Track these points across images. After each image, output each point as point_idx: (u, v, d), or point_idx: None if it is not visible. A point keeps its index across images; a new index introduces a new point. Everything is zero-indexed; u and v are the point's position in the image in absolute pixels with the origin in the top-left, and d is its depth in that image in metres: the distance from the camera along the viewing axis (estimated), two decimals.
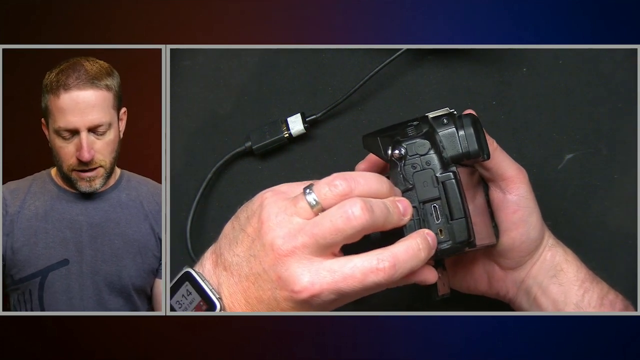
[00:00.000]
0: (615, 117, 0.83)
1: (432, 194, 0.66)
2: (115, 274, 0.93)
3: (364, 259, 0.61)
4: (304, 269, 0.61)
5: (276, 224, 0.62)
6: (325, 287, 0.61)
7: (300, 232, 0.61)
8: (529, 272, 0.74)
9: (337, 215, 0.61)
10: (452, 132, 0.67)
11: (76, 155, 0.91)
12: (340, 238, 0.61)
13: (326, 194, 0.62)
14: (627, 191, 0.82)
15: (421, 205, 0.66)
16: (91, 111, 0.90)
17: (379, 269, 0.61)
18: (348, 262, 0.61)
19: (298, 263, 0.61)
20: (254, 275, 0.63)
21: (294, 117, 0.83)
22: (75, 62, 0.91)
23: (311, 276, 0.61)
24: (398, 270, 0.61)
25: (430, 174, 0.66)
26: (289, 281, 0.61)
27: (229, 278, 0.65)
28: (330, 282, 0.61)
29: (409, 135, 0.68)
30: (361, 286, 0.61)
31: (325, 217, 0.61)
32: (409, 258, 0.62)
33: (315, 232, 0.61)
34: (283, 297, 0.62)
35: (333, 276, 0.61)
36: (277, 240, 0.62)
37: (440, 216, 0.66)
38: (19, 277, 0.92)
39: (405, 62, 0.84)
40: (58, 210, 0.94)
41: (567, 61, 0.84)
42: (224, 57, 0.86)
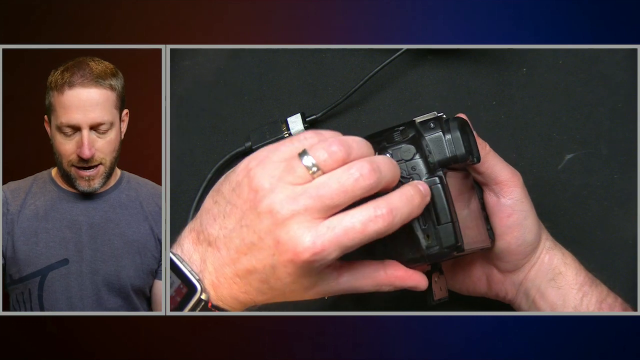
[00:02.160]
0: (615, 117, 0.83)
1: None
2: (114, 274, 0.93)
3: (361, 209, 0.61)
4: (304, 230, 0.60)
5: (271, 190, 0.61)
6: (327, 244, 0.60)
7: (302, 195, 0.60)
8: (527, 275, 0.74)
9: (345, 176, 0.60)
10: (438, 136, 0.67)
11: (77, 152, 0.91)
12: (347, 199, 0.60)
13: (326, 159, 0.61)
14: (627, 191, 0.82)
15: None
16: (94, 109, 0.91)
17: (377, 216, 0.60)
18: (345, 215, 0.61)
19: (299, 225, 0.60)
20: (247, 245, 0.62)
21: (294, 117, 0.83)
22: (80, 61, 0.92)
23: (312, 236, 0.60)
24: (396, 216, 0.61)
25: (415, 180, 0.66)
26: (289, 244, 0.60)
27: (214, 253, 0.64)
28: (331, 237, 0.60)
29: (395, 140, 0.68)
30: (362, 236, 0.60)
31: (332, 179, 0.61)
32: (403, 204, 0.62)
33: (322, 194, 0.60)
34: (282, 262, 0.61)
35: (334, 232, 0.60)
36: (276, 205, 0.60)
37: (427, 221, 0.66)
38: (18, 276, 0.92)
39: (405, 62, 0.84)
40: (58, 210, 0.94)
41: (567, 61, 0.84)
42: (224, 57, 0.86)
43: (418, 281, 0.66)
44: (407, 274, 0.66)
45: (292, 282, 0.62)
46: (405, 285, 0.66)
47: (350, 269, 0.65)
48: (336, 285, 0.65)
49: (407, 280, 0.66)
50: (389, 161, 0.63)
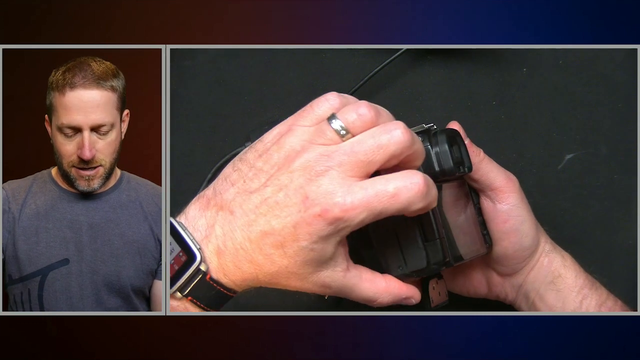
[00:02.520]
0: (615, 117, 0.83)
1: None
2: (114, 274, 0.93)
3: (396, 175, 0.59)
4: (336, 186, 0.58)
5: (304, 150, 0.59)
6: (356, 203, 0.58)
7: (336, 151, 0.59)
8: (526, 278, 0.74)
9: (380, 132, 0.59)
10: (426, 150, 0.66)
11: (77, 154, 0.91)
12: (383, 156, 0.59)
13: (355, 121, 0.60)
14: (627, 191, 0.82)
15: (396, 225, 0.65)
16: (95, 110, 0.91)
17: (413, 184, 0.59)
18: (380, 179, 0.59)
19: (331, 180, 0.58)
20: (269, 205, 0.60)
21: None
22: (82, 62, 0.92)
23: (344, 192, 0.58)
24: (430, 190, 0.60)
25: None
26: (319, 199, 0.58)
27: (226, 216, 0.61)
28: (362, 197, 0.58)
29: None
30: (393, 202, 0.59)
31: (366, 136, 0.59)
32: (433, 185, 0.60)
33: (357, 150, 0.59)
34: (308, 218, 0.58)
35: (366, 192, 0.58)
36: (310, 162, 0.59)
37: (416, 237, 0.65)
38: (18, 275, 0.92)
39: (405, 62, 0.84)
40: (59, 209, 0.94)
41: (567, 61, 0.84)
42: (224, 57, 0.86)
43: (412, 294, 0.66)
44: (401, 285, 0.66)
45: (309, 249, 0.59)
46: (401, 296, 0.65)
47: (358, 268, 0.65)
48: (342, 278, 0.63)
49: (403, 292, 0.65)
50: (411, 133, 0.61)
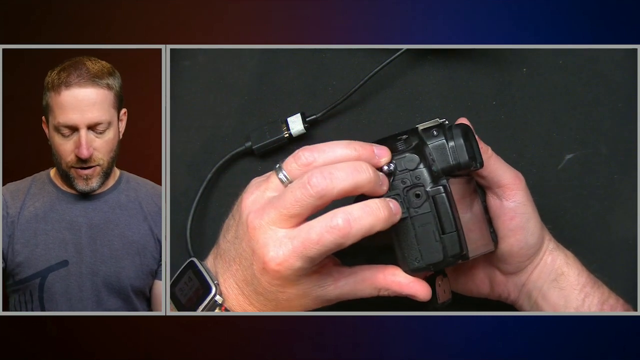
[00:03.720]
0: (615, 117, 0.83)
1: (423, 209, 0.66)
2: (114, 275, 0.93)
3: (318, 220, 0.62)
4: (269, 240, 0.63)
5: (252, 202, 0.65)
6: (288, 254, 0.62)
7: (268, 206, 0.63)
8: (529, 277, 0.74)
9: (297, 186, 0.62)
10: (442, 144, 0.67)
11: (75, 153, 0.91)
12: (304, 208, 0.62)
13: (293, 168, 0.64)
14: (627, 191, 0.83)
15: (413, 218, 0.66)
16: (91, 109, 0.91)
17: (333, 227, 0.62)
18: (305, 226, 0.62)
19: (264, 235, 0.63)
20: (239, 256, 0.66)
21: (294, 117, 0.83)
22: (77, 61, 0.92)
23: (275, 246, 0.62)
24: (353, 227, 0.62)
25: (420, 188, 0.66)
26: (259, 254, 0.63)
27: (222, 265, 0.67)
28: (291, 249, 0.62)
29: (398, 149, 0.68)
30: (320, 247, 0.62)
31: (287, 189, 0.63)
32: (365, 215, 0.62)
33: (278, 204, 0.63)
34: (259, 271, 0.64)
35: (293, 242, 0.62)
36: (250, 216, 0.64)
37: (434, 230, 0.66)
38: (19, 278, 0.92)
39: (405, 62, 0.84)
40: (58, 211, 0.94)
41: (567, 61, 0.84)
42: (224, 57, 0.86)
43: (417, 290, 0.66)
44: (407, 280, 0.66)
45: (279, 292, 0.64)
46: (403, 292, 0.66)
47: (348, 274, 0.66)
48: (335, 290, 0.65)
49: (405, 288, 0.66)
50: (349, 169, 0.63)
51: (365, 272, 0.66)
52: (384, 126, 0.84)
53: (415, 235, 0.66)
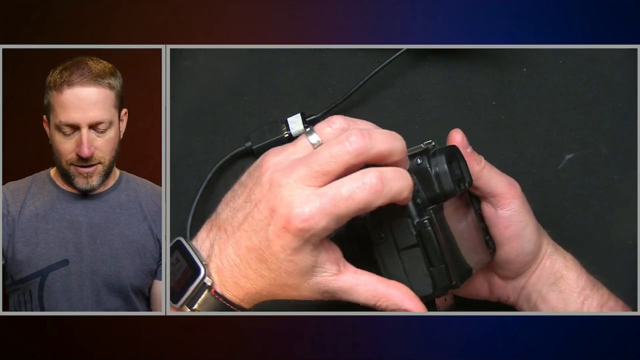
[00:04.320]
0: (615, 117, 0.83)
1: (409, 241, 0.65)
2: (114, 275, 0.93)
3: (350, 177, 0.60)
4: (296, 197, 0.59)
5: (275, 163, 0.62)
6: (314, 211, 0.59)
7: (298, 163, 0.61)
8: (528, 280, 0.74)
9: (334, 142, 0.60)
10: (426, 172, 0.65)
11: (76, 151, 0.92)
12: (337, 165, 0.60)
13: (328, 134, 0.62)
14: (627, 191, 0.82)
15: (401, 252, 0.65)
16: (93, 108, 0.91)
17: (365, 184, 0.59)
18: (336, 183, 0.60)
19: (291, 192, 0.60)
20: (249, 219, 0.62)
21: (294, 117, 0.83)
22: (79, 61, 0.92)
23: (302, 202, 0.59)
24: (386, 186, 0.60)
25: (406, 222, 0.65)
26: (281, 211, 0.60)
27: (221, 235, 0.64)
28: (319, 206, 0.59)
29: None
30: (350, 204, 0.59)
31: (323, 147, 0.61)
32: (396, 177, 0.61)
33: (311, 160, 0.60)
34: (276, 232, 0.60)
35: (321, 200, 0.59)
36: (275, 174, 0.61)
37: (421, 264, 0.65)
38: (19, 277, 0.92)
39: (405, 62, 0.84)
40: (58, 210, 0.94)
41: (567, 61, 0.84)
42: (224, 57, 0.86)
43: (414, 308, 0.65)
44: (405, 299, 0.65)
45: (288, 260, 0.61)
46: (403, 306, 0.65)
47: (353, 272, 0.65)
48: (335, 282, 0.64)
49: (405, 305, 0.65)
50: (386, 134, 0.62)
51: (369, 278, 0.65)
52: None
53: (404, 270, 0.65)
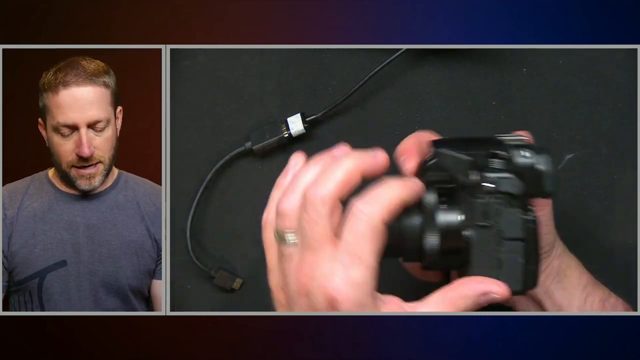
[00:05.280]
0: (615, 117, 0.83)
1: (516, 233, 0.62)
2: (112, 275, 0.93)
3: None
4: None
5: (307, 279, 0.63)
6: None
7: (334, 267, 0.62)
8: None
9: (351, 225, 0.60)
10: (530, 168, 0.63)
11: (75, 152, 0.91)
12: (369, 241, 0.61)
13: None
14: (627, 191, 0.82)
15: (504, 242, 0.63)
16: (90, 107, 0.91)
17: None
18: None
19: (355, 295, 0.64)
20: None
21: (294, 117, 0.83)
22: (72, 61, 0.92)
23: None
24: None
25: (517, 214, 0.62)
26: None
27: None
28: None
29: (495, 167, 0.62)
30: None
31: (346, 231, 0.61)
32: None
33: (349, 251, 0.61)
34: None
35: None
36: (326, 289, 0.63)
37: (520, 259, 0.62)
38: (18, 279, 0.92)
39: (405, 62, 0.84)
40: (56, 211, 0.94)
41: (567, 61, 0.84)
42: (224, 57, 0.86)
43: (491, 288, 0.63)
44: (478, 279, 0.63)
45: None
46: (478, 290, 0.63)
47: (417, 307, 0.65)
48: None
49: (480, 285, 0.63)
50: (385, 189, 0.61)
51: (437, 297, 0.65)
52: (384, 126, 0.84)
53: (500, 259, 0.62)
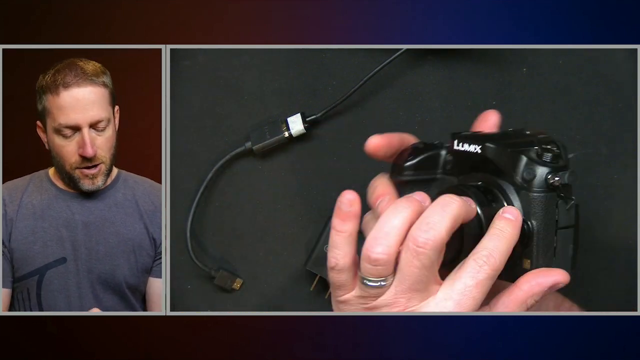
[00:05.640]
0: (615, 117, 0.83)
1: (569, 221, 0.65)
2: (109, 273, 0.93)
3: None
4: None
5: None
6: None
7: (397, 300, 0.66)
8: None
9: (408, 258, 0.62)
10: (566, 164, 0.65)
11: (79, 152, 0.92)
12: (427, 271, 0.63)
13: (369, 268, 0.63)
14: (627, 191, 0.82)
15: (558, 231, 0.65)
16: (91, 107, 0.91)
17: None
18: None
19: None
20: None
21: (294, 117, 0.83)
22: (70, 62, 0.92)
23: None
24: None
25: (570, 202, 0.64)
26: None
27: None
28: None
29: (550, 162, 0.64)
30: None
31: (400, 271, 0.63)
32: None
33: (404, 286, 0.65)
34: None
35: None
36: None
37: (571, 245, 0.64)
38: (17, 275, 0.92)
39: (405, 62, 0.84)
40: (55, 208, 0.94)
41: (567, 61, 0.84)
42: (224, 57, 0.86)
43: (558, 278, 0.64)
44: (543, 273, 0.64)
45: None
46: (547, 284, 0.64)
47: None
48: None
49: (548, 278, 0.64)
50: (435, 211, 0.62)
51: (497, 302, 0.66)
52: (384, 126, 0.84)
53: (554, 249, 0.64)
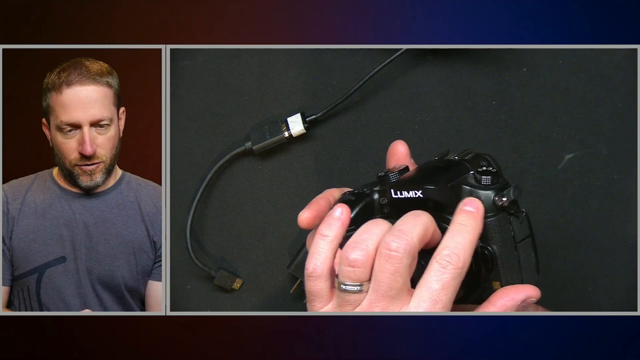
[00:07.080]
0: (615, 117, 0.83)
1: (524, 233, 0.66)
2: (108, 273, 0.94)
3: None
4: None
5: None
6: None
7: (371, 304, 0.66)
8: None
9: (382, 261, 0.63)
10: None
11: (78, 150, 0.92)
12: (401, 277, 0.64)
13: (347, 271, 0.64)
14: (627, 191, 0.82)
15: (517, 245, 0.66)
16: (93, 106, 0.92)
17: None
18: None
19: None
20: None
21: (294, 117, 0.83)
22: (76, 61, 0.93)
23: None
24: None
25: (522, 215, 0.66)
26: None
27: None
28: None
29: (484, 184, 0.66)
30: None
31: (376, 272, 0.64)
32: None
33: (378, 292, 0.66)
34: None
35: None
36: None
37: (532, 254, 0.66)
38: (17, 273, 0.93)
39: (405, 62, 0.84)
40: (56, 208, 0.94)
41: (567, 61, 0.84)
42: (224, 57, 0.86)
43: (529, 292, 0.66)
44: (514, 289, 0.66)
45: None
46: (520, 299, 0.66)
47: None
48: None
49: (520, 294, 0.65)
50: (409, 220, 0.63)
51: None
52: (384, 126, 0.84)
53: (519, 262, 0.66)
